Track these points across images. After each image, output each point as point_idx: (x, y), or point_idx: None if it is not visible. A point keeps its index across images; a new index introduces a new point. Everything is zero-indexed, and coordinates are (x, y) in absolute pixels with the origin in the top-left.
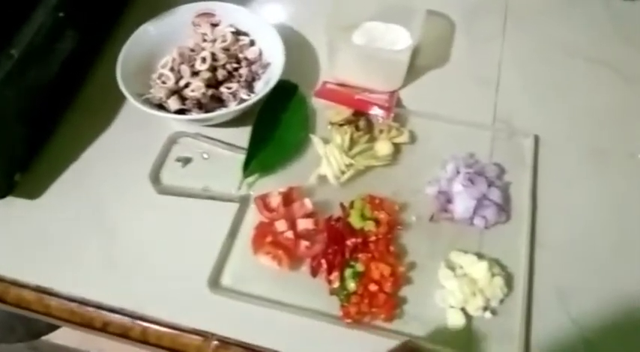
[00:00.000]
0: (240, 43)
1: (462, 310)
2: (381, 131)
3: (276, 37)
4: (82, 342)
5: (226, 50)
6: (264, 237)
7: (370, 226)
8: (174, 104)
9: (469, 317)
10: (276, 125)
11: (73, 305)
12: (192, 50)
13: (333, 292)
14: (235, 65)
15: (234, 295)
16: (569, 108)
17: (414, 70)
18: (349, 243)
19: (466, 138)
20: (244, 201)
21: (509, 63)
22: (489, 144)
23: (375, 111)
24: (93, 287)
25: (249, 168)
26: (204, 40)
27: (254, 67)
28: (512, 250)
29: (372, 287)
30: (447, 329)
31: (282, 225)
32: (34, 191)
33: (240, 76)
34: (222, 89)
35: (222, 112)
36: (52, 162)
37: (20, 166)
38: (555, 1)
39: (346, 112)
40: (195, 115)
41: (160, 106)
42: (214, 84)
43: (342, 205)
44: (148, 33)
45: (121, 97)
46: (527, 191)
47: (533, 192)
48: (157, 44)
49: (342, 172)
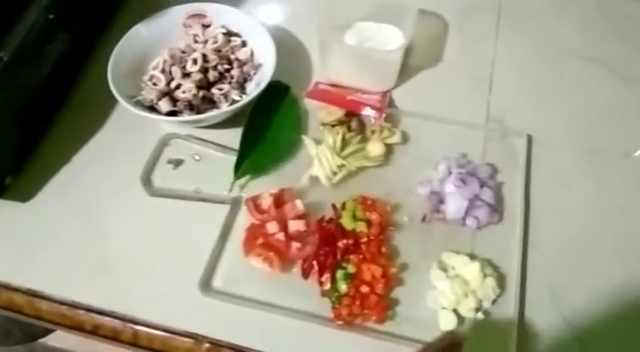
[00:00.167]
0: (232, 44)
1: (454, 311)
2: (373, 131)
3: (268, 38)
4: (78, 345)
5: (218, 51)
6: (255, 239)
7: (362, 227)
8: (165, 106)
9: (461, 319)
10: (268, 126)
11: (63, 308)
12: (184, 51)
13: (324, 294)
14: (227, 66)
15: (225, 297)
16: (563, 107)
17: (406, 70)
18: (341, 244)
19: (459, 138)
20: (236, 203)
21: (502, 62)
22: (482, 144)
23: (368, 112)
24: (83, 290)
25: (240, 169)
26: (195, 41)
27: (245, 68)
28: (504, 251)
29: (364, 289)
30: (439, 330)
31: (273, 226)
32: (25, 194)
33: (232, 77)
34: (214, 90)
35: (213, 114)
36: (44, 165)
37: (11, 169)
38: (549, 0)
39: (338, 113)
40: (187, 117)
41: (152, 108)
42: (206, 85)
43: (333, 206)
44: (139, 34)
45: (113, 99)
46: (520, 191)
47: (526, 193)
48: (149, 45)
49: (334, 173)
